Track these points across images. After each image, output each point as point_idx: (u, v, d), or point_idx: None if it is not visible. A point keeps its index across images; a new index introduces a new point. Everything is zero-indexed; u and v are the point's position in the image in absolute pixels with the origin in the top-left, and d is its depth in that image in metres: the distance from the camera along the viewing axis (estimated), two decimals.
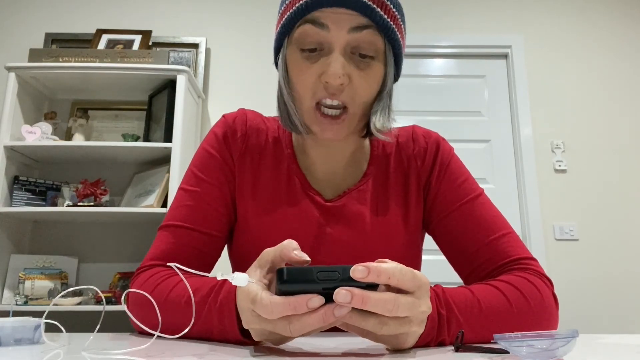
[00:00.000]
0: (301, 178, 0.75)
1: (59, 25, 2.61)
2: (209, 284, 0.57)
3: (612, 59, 2.73)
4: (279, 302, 0.41)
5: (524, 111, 2.64)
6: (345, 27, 0.62)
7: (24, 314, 0.60)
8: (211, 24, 2.67)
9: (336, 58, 0.61)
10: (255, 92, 2.59)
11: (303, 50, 0.64)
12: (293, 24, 0.65)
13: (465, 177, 0.76)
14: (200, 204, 0.72)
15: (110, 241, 2.33)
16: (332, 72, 0.61)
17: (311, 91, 0.64)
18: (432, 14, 2.76)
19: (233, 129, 0.76)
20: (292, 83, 0.67)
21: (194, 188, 0.73)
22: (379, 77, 0.66)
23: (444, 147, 0.80)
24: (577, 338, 0.40)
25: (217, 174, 0.74)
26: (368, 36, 0.63)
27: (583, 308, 2.42)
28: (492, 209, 0.73)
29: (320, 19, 0.62)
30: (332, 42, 0.62)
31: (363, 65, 0.64)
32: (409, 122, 2.87)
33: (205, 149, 0.76)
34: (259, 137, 0.76)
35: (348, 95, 0.64)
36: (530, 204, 2.51)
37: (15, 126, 2.11)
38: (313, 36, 0.63)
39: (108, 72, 2.17)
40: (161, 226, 0.73)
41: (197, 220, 0.71)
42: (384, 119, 0.67)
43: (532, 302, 0.60)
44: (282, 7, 0.68)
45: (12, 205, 2.06)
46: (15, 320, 0.54)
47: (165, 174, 2.12)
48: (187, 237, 0.70)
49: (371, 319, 0.42)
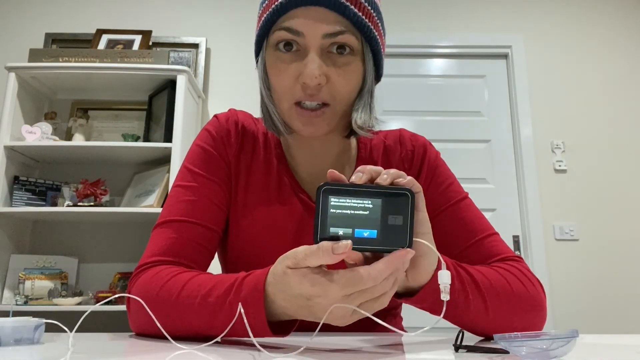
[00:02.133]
0: (290, 179, 0.75)
1: (59, 25, 2.61)
2: (225, 282, 0.54)
3: (612, 59, 2.73)
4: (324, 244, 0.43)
5: (524, 111, 2.64)
6: (319, 34, 0.62)
7: (24, 314, 0.60)
8: (211, 24, 2.67)
9: (312, 59, 0.62)
10: (255, 92, 2.56)
11: (280, 51, 0.65)
12: (269, 27, 0.66)
13: (451, 181, 0.78)
14: (200, 198, 0.70)
15: (110, 241, 2.33)
16: (308, 72, 0.61)
17: (290, 92, 0.65)
18: (432, 14, 2.76)
19: (227, 129, 0.76)
20: (271, 84, 0.67)
21: (191, 183, 0.71)
22: (358, 75, 0.66)
23: (430, 151, 0.80)
24: (577, 338, 0.40)
25: (215, 169, 0.73)
26: (343, 39, 0.63)
27: (583, 308, 2.42)
28: (476, 211, 0.75)
29: (294, 27, 0.62)
30: (307, 45, 0.63)
31: (341, 62, 0.64)
32: (409, 122, 2.87)
33: (200, 145, 0.75)
34: (250, 138, 0.77)
35: (328, 93, 0.64)
36: (530, 204, 2.51)
37: (15, 126, 2.11)
38: (287, 39, 0.64)
39: (108, 72, 2.17)
40: (158, 224, 0.69)
41: (199, 214, 0.69)
42: (365, 116, 0.67)
43: (528, 287, 0.63)
44: (260, 9, 0.69)
45: (12, 205, 2.06)
46: (15, 320, 0.54)
47: (165, 174, 2.12)
48: (191, 231, 0.67)
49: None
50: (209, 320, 0.53)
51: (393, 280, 0.46)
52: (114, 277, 2.19)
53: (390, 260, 0.44)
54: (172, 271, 0.60)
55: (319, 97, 0.64)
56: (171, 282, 0.58)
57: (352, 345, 0.54)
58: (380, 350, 0.48)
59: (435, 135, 2.64)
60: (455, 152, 2.60)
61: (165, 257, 0.65)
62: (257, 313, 0.49)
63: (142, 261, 0.66)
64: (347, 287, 0.44)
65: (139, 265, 0.66)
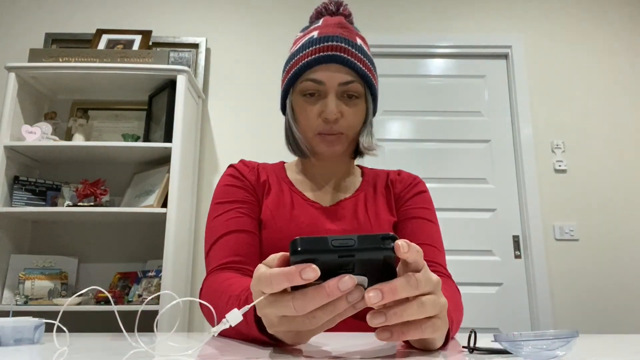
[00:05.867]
0: (301, 194, 0.92)
1: (59, 25, 2.61)
2: (244, 285, 0.63)
3: (612, 59, 2.74)
4: (276, 272, 0.40)
5: (524, 111, 2.64)
6: (336, 82, 0.84)
7: (24, 314, 0.60)
8: (211, 24, 2.67)
9: (331, 100, 0.84)
10: (255, 92, 2.59)
11: (305, 96, 0.87)
12: (297, 78, 0.87)
13: (430, 209, 0.94)
14: (238, 215, 0.86)
15: (110, 241, 2.33)
16: (329, 110, 0.83)
17: (314, 125, 0.86)
18: (432, 14, 2.77)
19: (242, 169, 0.93)
20: (298, 120, 0.88)
21: (227, 209, 0.87)
22: (363, 111, 0.89)
23: (421, 183, 0.97)
24: (577, 338, 0.40)
25: (245, 195, 0.89)
26: (353, 87, 0.85)
27: (583, 308, 2.42)
28: (435, 236, 0.90)
29: (317, 78, 0.84)
30: (327, 90, 0.85)
31: (351, 103, 0.86)
32: (409, 122, 2.86)
33: (226, 184, 0.91)
34: (263, 172, 0.95)
35: (342, 125, 0.86)
36: (530, 204, 2.51)
37: (15, 126, 2.11)
38: (312, 88, 0.85)
39: (108, 72, 2.17)
40: (212, 243, 0.84)
41: (247, 224, 0.85)
42: (369, 140, 0.91)
43: (459, 299, 0.78)
44: (287, 66, 0.90)
45: (12, 205, 2.07)
46: (15, 320, 0.54)
47: (165, 174, 2.12)
48: (242, 237, 0.83)
49: (411, 330, 0.42)
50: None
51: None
52: (113, 277, 2.19)
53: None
54: (224, 277, 0.74)
55: (336, 128, 0.85)
56: (219, 288, 0.70)
57: (369, 346, 0.54)
58: (396, 351, 0.48)
59: (435, 135, 2.65)
60: (455, 152, 2.60)
61: (230, 257, 0.81)
62: (250, 324, 0.53)
63: (212, 265, 0.81)
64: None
65: (210, 270, 0.81)
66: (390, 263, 0.41)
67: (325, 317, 0.41)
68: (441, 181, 2.57)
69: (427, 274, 0.43)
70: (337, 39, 0.85)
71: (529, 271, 2.47)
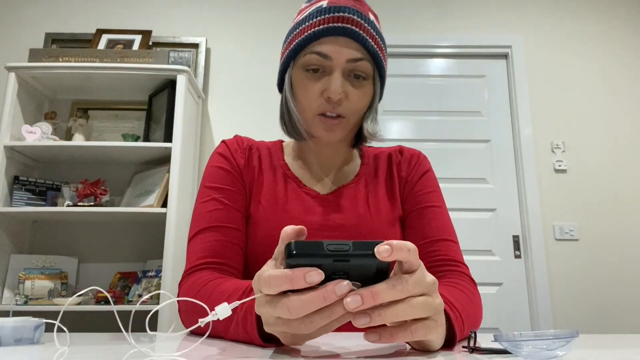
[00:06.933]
0: (296, 180, 0.86)
1: (59, 25, 2.61)
2: (242, 287, 0.60)
3: (612, 59, 2.74)
4: (277, 274, 0.39)
5: (524, 111, 2.64)
6: (344, 58, 0.75)
7: (24, 314, 0.60)
8: (211, 24, 2.67)
9: (336, 77, 0.75)
10: (255, 92, 2.59)
11: (307, 71, 0.77)
12: (300, 50, 0.78)
13: (434, 189, 0.88)
14: (225, 206, 0.80)
15: (110, 241, 2.33)
16: (333, 89, 0.74)
17: (315, 104, 0.77)
18: (432, 14, 2.77)
19: (234, 148, 0.87)
20: (297, 97, 0.79)
21: (213, 196, 0.81)
22: (370, 94, 0.80)
23: (424, 159, 0.92)
24: (577, 338, 0.40)
25: (231, 181, 0.83)
26: (361, 65, 0.77)
27: (583, 308, 2.42)
28: (445, 219, 0.85)
29: (324, 51, 0.75)
30: (333, 67, 0.76)
31: (357, 84, 0.78)
32: (409, 122, 2.86)
33: (215, 166, 0.85)
34: (255, 152, 0.89)
35: (345, 108, 0.77)
36: (530, 204, 2.51)
37: (15, 126, 2.11)
38: (317, 62, 0.76)
39: (108, 72, 2.17)
40: (193, 234, 0.78)
41: (227, 219, 0.79)
42: (374, 126, 0.83)
43: (477, 300, 0.73)
44: (289, 37, 0.81)
45: (12, 205, 2.07)
46: (15, 320, 0.54)
47: (165, 174, 2.12)
48: (225, 233, 0.78)
49: (399, 332, 0.41)
50: (225, 325, 0.58)
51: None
52: (113, 277, 2.19)
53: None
54: (207, 278, 0.69)
55: (338, 110, 0.77)
56: (204, 288, 0.67)
57: (370, 346, 0.54)
58: (397, 351, 0.48)
59: (435, 135, 2.65)
60: (455, 152, 2.61)
61: (208, 259, 0.75)
62: (250, 327, 0.52)
63: (188, 265, 0.75)
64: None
65: (186, 269, 0.76)
66: (385, 269, 0.41)
67: (321, 322, 0.40)
68: (441, 181, 2.56)
69: (420, 276, 0.42)
70: (349, 10, 0.76)
71: (528, 271, 2.47)
